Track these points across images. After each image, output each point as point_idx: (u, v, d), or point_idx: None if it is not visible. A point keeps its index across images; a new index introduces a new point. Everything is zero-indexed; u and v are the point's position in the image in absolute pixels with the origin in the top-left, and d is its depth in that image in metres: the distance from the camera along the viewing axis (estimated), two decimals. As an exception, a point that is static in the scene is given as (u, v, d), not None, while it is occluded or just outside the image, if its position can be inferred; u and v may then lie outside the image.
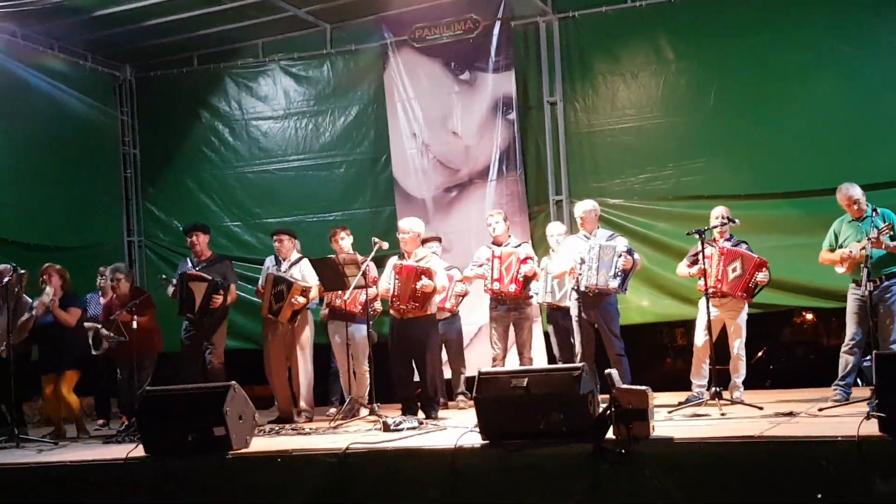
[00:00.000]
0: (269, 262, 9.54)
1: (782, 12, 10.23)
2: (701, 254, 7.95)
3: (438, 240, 10.08)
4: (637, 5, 10.66)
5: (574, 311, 8.60)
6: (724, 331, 8.49)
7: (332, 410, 9.52)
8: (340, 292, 8.90)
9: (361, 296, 8.70)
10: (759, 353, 15.69)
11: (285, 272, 9.22)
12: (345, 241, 9.40)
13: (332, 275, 8.68)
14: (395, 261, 8.67)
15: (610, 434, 5.82)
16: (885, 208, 7.73)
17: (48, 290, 8.92)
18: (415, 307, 8.40)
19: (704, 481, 5.53)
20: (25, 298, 9.00)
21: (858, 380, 8.58)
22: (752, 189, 10.17)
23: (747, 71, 10.33)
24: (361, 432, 7.57)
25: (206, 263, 9.37)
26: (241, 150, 12.66)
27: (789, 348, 17.44)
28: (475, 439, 6.20)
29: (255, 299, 9.73)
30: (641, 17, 10.70)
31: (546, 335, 10.04)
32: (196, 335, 9.21)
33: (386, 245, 8.66)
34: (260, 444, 7.06)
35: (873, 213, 7.59)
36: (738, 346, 8.38)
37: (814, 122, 10.03)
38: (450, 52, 11.39)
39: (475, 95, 11.29)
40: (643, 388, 5.91)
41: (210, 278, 9.01)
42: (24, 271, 8.86)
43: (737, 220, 8.32)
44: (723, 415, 7.14)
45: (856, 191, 7.91)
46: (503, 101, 11.12)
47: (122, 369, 9.33)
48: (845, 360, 7.94)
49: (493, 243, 9.41)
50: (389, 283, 8.53)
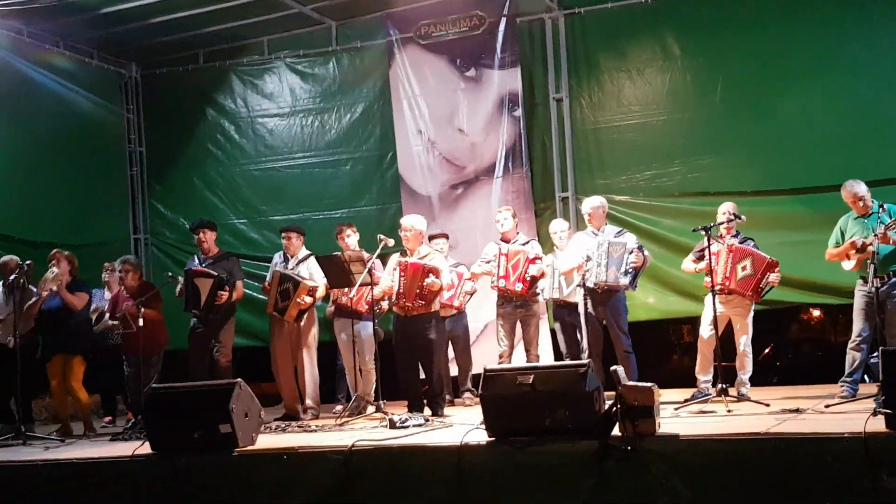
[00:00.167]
0: (278, 258, 9.55)
1: (789, 9, 10.21)
2: (707, 250, 7.94)
3: (446, 237, 10.07)
4: (643, 1, 10.64)
5: (582, 307, 8.59)
6: (730, 327, 8.45)
7: (339, 408, 9.53)
8: (347, 290, 8.90)
9: (368, 294, 8.69)
10: (766, 350, 15.67)
11: (292, 269, 9.23)
12: (351, 239, 9.39)
13: (337, 272, 8.67)
14: (397, 258, 8.63)
15: (616, 431, 5.82)
16: (891, 204, 7.72)
17: (54, 269, 8.91)
18: (421, 305, 8.37)
19: (710, 478, 5.52)
20: (31, 289, 9.01)
21: (866, 376, 8.57)
22: (758, 185, 10.14)
23: (753, 67, 10.31)
24: (367, 429, 7.58)
25: (212, 260, 9.36)
26: (247, 147, 12.69)
27: (796, 345, 17.42)
28: (481, 436, 6.20)
29: (262, 297, 9.73)
30: (647, 14, 10.68)
31: (553, 332, 10.03)
32: (203, 332, 9.18)
33: (392, 242, 8.65)
34: (266, 441, 7.08)
35: (880, 210, 7.56)
36: (744, 342, 8.35)
37: (820, 118, 10.01)
38: (455, 48, 11.39)
39: (481, 92, 11.28)
40: (649, 384, 5.90)
41: (215, 274, 9.00)
42: (29, 262, 8.87)
43: (743, 217, 8.29)
44: (729, 411, 7.12)
45: (861, 187, 7.89)
46: (509, 97, 11.10)
47: (130, 366, 9.32)
48: (852, 357, 7.92)
49: (501, 240, 9.40)
50: (393, 281, 8.46)
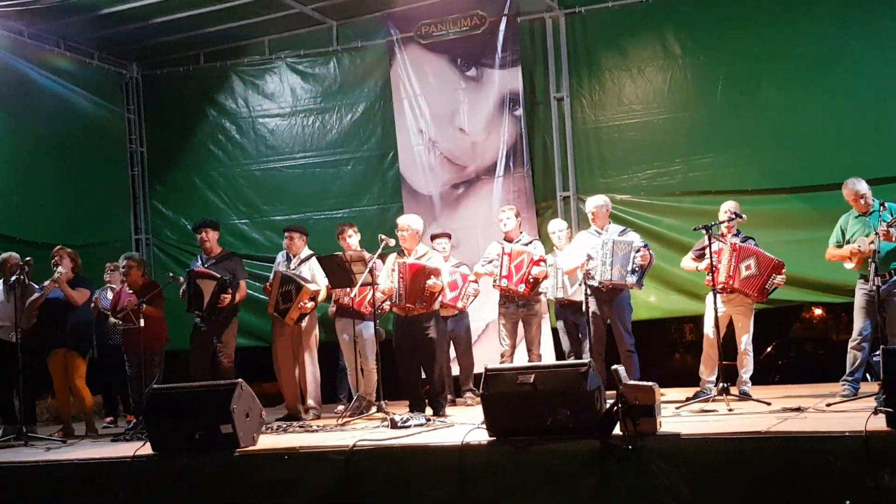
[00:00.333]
0: (281, 257, 9.56)
1: (789, 7, 10.21)
2: (708, 248, 7.93)
3: (448, 236, 10.06)
4: (643, 0, 10.64)
5: (585, 306, 8.57)
6: (731, 326, 8.45)
7: (340, 408, 9.54)
8: (348, 290, 8.90)
9: (370, 295, 8.67)
10: (768, 349, 15.70)
11: (294, 269, 9.23)
12: (352, 239, 9.39)
13: (339, 272, 8.66)
14: (394, 258, 8.56)
15: (617, 430, 5.81)
16: (892, 203, 7.71)
17: (60, 269, 8.92)
18: (422, 307, 8.34)
19: (711, 477, 5.51)
20: (32, 285, 9.02)
21: (867, 375, 8.57)
22: (759, 184, 10.14)
23: (754, 66, 10.32)
24: (369, 429, 7.58)
25: (215, 260, 9.34)
26: (248, 147, 12.70)
27: (798, 343, 17.46)
28: (482, 436, 6.19)
29: (264, 297, 9.72)
30: (648, 12, 10.69)
31: (554, 331, 10.02)
32: (206, 332, 9.17)
33: (393, 242, 8.62)
34: (267, 441, 7.08)
35: (881, 208, 7.55)
36: (745, 341, 8.34)
37: (821, 116, 10.00)
38: (456, 48, 11.39)
39: (482, 92, 11.29)
40: (650, 384, 5.89)
41: (218, 276, 8.98)
42: (28, 258, 8.89)
43: (744, 216, 8.30)
44: (730, 410, 7.11)
45: (862, 185, 7.88)
46: (510, 97, 11.11)
47: (132, 365, 9.32)
48: (853, 356, 7.91)
49: (504, 239, 9.39)
50: (392, 283, 8.39)
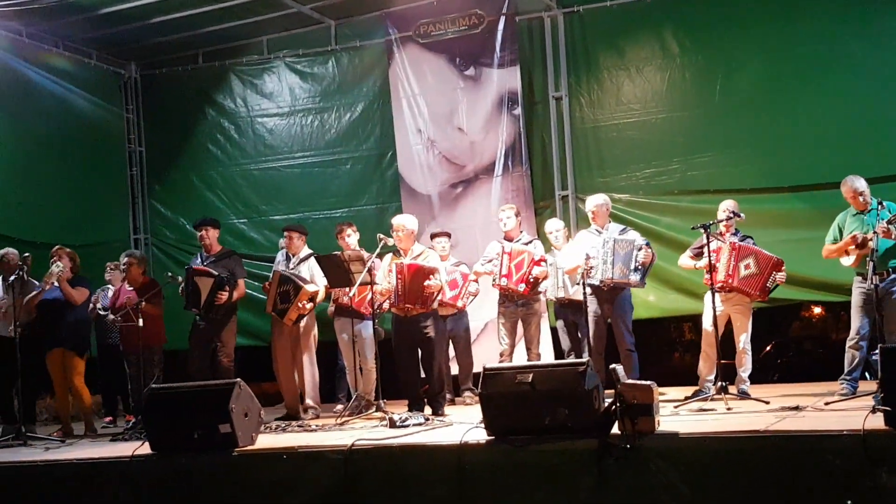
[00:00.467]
0: (280, 256, 9.57)
1: (788, 6, 10.21)
2: (706, 247, 7.93)
3: (448, 235, 10.05)
4: (641, 0, 10.64)
5: (588, 305, 8.58)
6: (729, 325, 8.45)
7: (339, 407, 9.53)
8: (347, 289, 8.89)
9: (370, 295, 8.64)
10: (768, 348, 15.70)
11: (293, 269, 9.23)
12: (351, 238, 9.38)
13: (337, 272, 8.65)
14: (390, 259, 8.55)
15: (615, 429, 5.81)
16: (890, 202, 7.71)
17: (59, 264, 8.90)
18: (421, 307, 8.32)
19: (710, 476, 5.52)
20: (32, 281, 9.02)
21: (866, 373, 8.56)
22: (758, 183, 10.14)
23: (752, 65, 10.33)
24: (367, 429, 7.57)
25: (214, 258, 9.31)
26: (246, 147, 12.69)
27: (797, 342, 17.46)
28: (480, 435, 6.19)
29: (263, 296, 9.72)
30: (646, 12, 10.69)
31: (553, 330, 10.02)
32: (205, 330, 9.13)
33: (391, 241, 8.58)
34: (266, 441, 7.07)
35: (878, 206, 7.55)
36: (743, 340, 8.33)
37: (820, 115, 10.00)
38: (454, 47, 11.39)
39: (480, 91, 11.29)
40: (648, 382, 5.90)
41: (216, 274, 8.96)
42: (27, 254, 8.89)
43: (742, 215, 8.30)
44: (729, 409, 7.11)
45: (860, 183, 7.87)
46: (508, 96, 11.11)
47: (131, 365, 9.33)
48: (851, 355, 7.91)
49: (504, 238, 9.39)
50: (390, 283, 8.37)
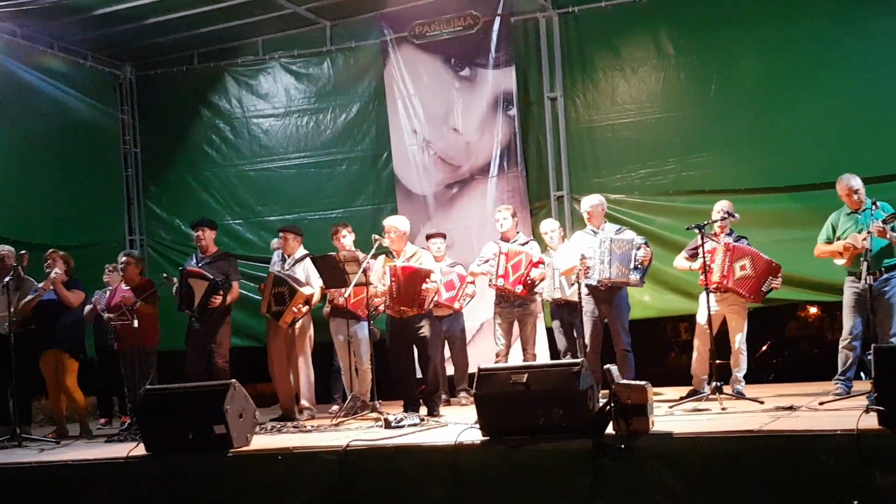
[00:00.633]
0: (276, 257, 9.58)
1: (783, 6, 10.21)
2: (701, 248, 7.93)
3: (443, 236, 10.05)
4: (636, 0, 10.64)
5: (584, 305, 8.57)
6: (725, 325, 8.46)
7: (335, 408, 9.54)
8: (342, 290, 8.88)
9: (366, 296, 8.61)
10: (763, 348, 15.70)
11: (289, 270, 9.22)
12: (347, 239, 9.38)
13: (332, 272, 8.63)
14: (383, 261, 8.53)
15: (610, 429, 5.82)
16: (884, 202, 7.72)
17: (57, 270, 8.89)
18: (416, 309, 8.30)
19: (704, 475, 5.53)
20: (30, 280, 9.00)
21: (862, 373, 8.57)
22: (753, 183, 10.13)
23: (747, 65, 10.33)
24: (362, 430, 7.57)
25: (210, 259, 9.29)
26: (242, 147, 12.67)
27: (793, 342, 17.45)
28: (475, 436, 6.20)
29: (258, 297, 9.71)
30: (641, 12, 10.69)
31: (549, 331, 10.02)
32: (201, 331, 9.13)
33: (387, 242, 8.61)
34: (261, 441, 7.08)
35: (873, 207, 7.55)
36: (738, 340, 8.34)
37: (815, 115, 10.00)
38: (450, 48, 11.39)
39: (475, 91, 11.28)
40: (642, 383, 5.91)
41: (211, 277, 8.94)
42: (24, 252, 8.88)
43: (737, 215, 8.30)
44: (723, 409, 7.13)
45: (856, 181, 7.86)
46: (503, 96, 11.11)
47: (125, 365, 9.32)
48: (845, 355, 7.91)
49: (500, 239, 9.38)
50: (384, 285, 8.34)
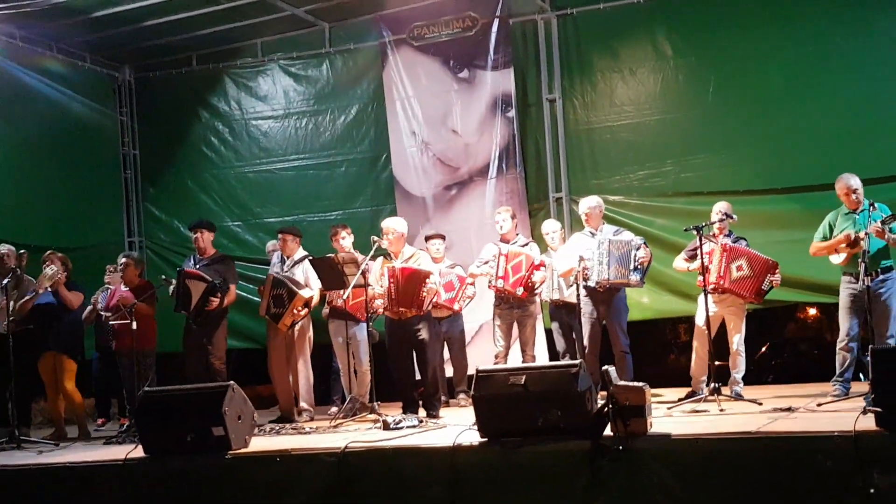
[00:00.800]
0: (275, 258, 9.57)
1: (781, 7, 10.21)
2: (699, 249, 7.94)
3: (442, 237, 10.05)
4: (635, 2, 10.64)
5: (583, 307, 8.58)
6: (723, 326, 8.47)
7: (334, 409, 9.53)
8: (341, 292, 8.88)
9: (365, 298, 8.61)
10: (762, 349, 15.70)
11: (288, 272, 9.22)
12: (346, 241, 9.39)
13: (331, 274, 8.64)
14: (381, 262, 8.54)
15: (608, 431, 5.83)
16: (882, 204, 7.72)
17: (52, 267, 8.85)
18: (415, 311, 8.31)
19: (702, 477, 5.54)
20: (30, 279, 9.00)
21: (861, 374, 8.57)
22: (751, 185, 10.14)
23: (746, 66, 10.32)
24: (361, 431, 7.58)
25: (208, 261, 9.26)
26: (241, 149, 12.66)
27: (792, 344, 17.44)
28: (474, 437, 6.21)
29: (257, 299, 9.73)
30: (639, 14, 10.69)
31: (548, 332, 10.02)
32: (197, 333, 9.11)
33: (385, 244, 8.62)
34: (259, 443, 7.08)
35: (870, 208, 7.56)
36: (737, 341, 8.35)
37: (814, 117, 9.99)
38: (448, 50, 11.39)
39: (474, 93, 11.29)
40: (640, 384, 5.92)
41: (209, 280, 8.93)
42: (23, 251, 8.88)
43: (735, 217, 8.31)
44: (721, 410, 7.14)
45: (855, 181, 7.86)
46: (502, 98, 11.11)
47: (123, 366, 9.33)
48: (842, 357, 7.91)
49: (500, 240, 9.39)
50: (383, 287, 8.35)
